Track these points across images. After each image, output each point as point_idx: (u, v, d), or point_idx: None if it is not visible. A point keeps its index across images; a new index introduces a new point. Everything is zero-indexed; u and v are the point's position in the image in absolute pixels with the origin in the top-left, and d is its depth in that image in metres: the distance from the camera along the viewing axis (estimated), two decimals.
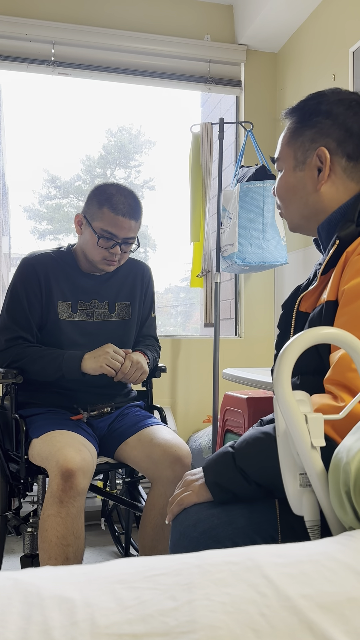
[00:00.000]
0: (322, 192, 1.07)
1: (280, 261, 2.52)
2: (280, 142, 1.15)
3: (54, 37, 2.65)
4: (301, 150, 1.09)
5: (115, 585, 0.44)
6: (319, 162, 1.06)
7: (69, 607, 0.41)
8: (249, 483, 0.90)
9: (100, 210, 1.64)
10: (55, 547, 1.38)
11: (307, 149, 1.08)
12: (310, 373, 0.97)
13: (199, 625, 0.39)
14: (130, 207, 1.65)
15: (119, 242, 1.66)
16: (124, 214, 1.63)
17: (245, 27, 2.80)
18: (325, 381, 0.90)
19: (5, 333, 1.67)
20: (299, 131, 1.09)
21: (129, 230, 1.66)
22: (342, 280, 0.95)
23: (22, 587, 0.43)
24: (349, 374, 0.85)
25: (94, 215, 1.66)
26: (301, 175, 1.09)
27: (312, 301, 1.06)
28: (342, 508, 0.65)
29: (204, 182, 2.68)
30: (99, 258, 1.68)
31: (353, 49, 2.22)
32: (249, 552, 0.50)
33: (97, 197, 1.67)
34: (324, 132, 1.06)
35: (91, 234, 1.66)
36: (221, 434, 2.20)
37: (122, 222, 1.63)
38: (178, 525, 0.94)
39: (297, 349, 0.73)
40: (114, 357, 1.59)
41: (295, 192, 1.11)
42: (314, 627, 0.39)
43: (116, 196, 1.64)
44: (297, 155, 1.09)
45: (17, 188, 3.18)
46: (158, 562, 0.48)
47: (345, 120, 1.05)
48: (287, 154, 1.12)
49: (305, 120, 1.08)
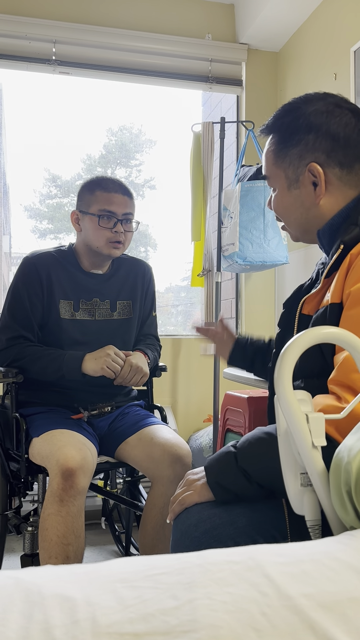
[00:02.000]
0: (321, 205, 1.06)
1: (281, 261, 2.52)
2: (264, 160, 1.13)
3: (55, 36, 2.65)
4: (291, 169, 1.07)
5: (116, 584, 0.44)
6: (313, 177, 1.05)
7: (70, 606, 0.41)
8: (250, 483, 0.90)
9: (93, 194, 1.70)
10: (56, 546, 1.38)
11: (297, 167, 1.06)
12: (315, 376, 0.97)
13: (200, 625, 0.39)
14: (121, 186, 1.72)
15: (118, 219, 1.69)
16: (117, 191, 1.70)
17: (246, 26, 2.80)
18: (329, 382, 0.90)
19: (6, 332, 1.67)
20: (283, 151, 1.07)
21: (125, 205, 1.70)
22: (347, 283, 0.94)
23: (24, 586, 0.43)
24: (353, 375, 0.85)
25: (89, 202, 1.70)
26: (297, 193, 1.08)
27: (315, 304, 1.05)
28: (343, 507, 0.65)
29: (205, 181, 2.68)
30: (104, 241, 1.69)
31: (354, 48, 2.22)
32: (250, 551, 0.50)
33: (86, 187, 1.74)
34: (310, 147, 1.04)
35: (90, 220, 1.69)
36: (222, 434, 2.20)
37: (117, 198, 1.69)
38: (179, 524, 0.94)
39: (298, 349, 0.73)
40: (114, 359, 1.59)
41: (294, 209, 1.10)
42: (315, 627, 0.39)
43: (104, 179, 1.73)
44: (288, 174, 1.08)
45: (17, 187, 3.18)
46: (159, 561, 0.48)
47: (328, 129, 1.02)
48: (276, 174, 1.10)
49: (287, 140, 1.06)
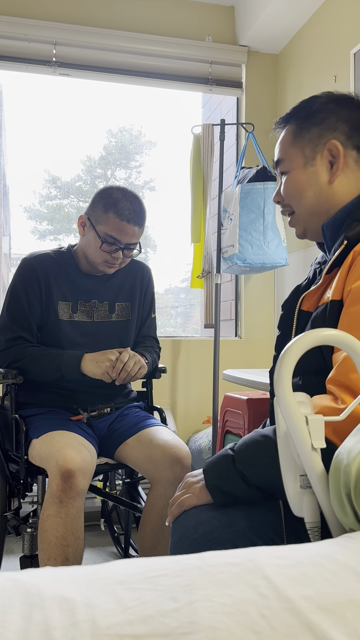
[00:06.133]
0: (335, 186, 1.06)
1: (280, 262, 2.52)
2: (279, 145, 1.13)
3: (55, 38, 2.65)
4: (310, 147, 1.08)
5: (115, 586, 0.44)
6: (331, 156, 1.06)
7: (70, 607, 0.41)
8: (249, 486, 0.90)
9: (106, 214, 1.64)
10: (55, 547, 1.38)
11: (316, 145, 1.07)
12: (313, 373, 0.97)
13: (199, 627, 0.39)
14: (136, 214, 1.65)
15: (121, 247, 1.67)
16: (129, 220, 1.64)
17: (246, 28, 2.81)
18: (328, 381, 0.90)
19: (5, 333, 1.67)
20: (305, 129, 1.08)
21: (133, 236, 1.66)
22: (349, 280, 0.94)
23: (23, 588, 0.43)
24: (352, 375, 0.85)
25: (99, 219, 1.66)
26: (313, 171, 1.08)
27: (315, 300, 1.05)
28: (342, 510, 0.65)
29: (205, 183, 2.68)
30: (100, 261, 1.69)
31: (354, 51, 2.22)
32: (250, 553, 0.50)
33: (103, 200, 1.67)
34: (331, 126, 1.06)
35: (94, 237, 1.66)
36: (221, 435, 2.20)
37: (127, 228, 1.64)
38: (178, 527, 0.94)
39: (297, 351, 0.73)
40: (115, 365, 1.57)
41: (307, 188, 1.08)
42: (315, 629, 0.39)
43: (122, 201, 1.64)
44: (305, 152, 1.08)
45: (17, 188, 3.18)
46: (159, 563, 0.48)
47: (349, 116, 1.06)
48: (293, 153, 1.10)
49: (310, 118, 1.08)
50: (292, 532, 0.87)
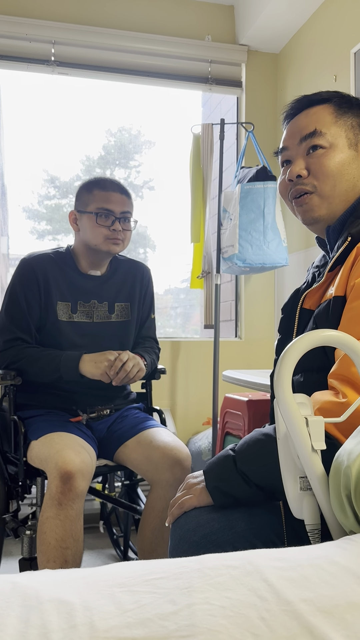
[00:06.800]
0: None
1: (280, 263, 2.51)
2: (317, 119, 1.06)
3: (54, 37, 2.65)
4: (352, 132, 1.07)
5: (114, 589, 0.43)
6: None
7: (68, 610, 0.40)
8: (249, 486, 0.90)
9: (91, 193, 1.71)
10: (54, 549, 1.37)
11: (356, 133, 1.07)
12: (315, 370, 0.97)
13: (198, 629, 0.38)
14: (118, 185, 1.74)
15: (116, 217, 1.69)
16: (114, 189, 1.71)
17: (246, 27, 2.81)
18: (330, 376, 0.90)
19: (3, 334, 1.67)
20: (345, 114, 1.07)
21: (123, 204, 1.71)
22: (352, 276, 0.94)
23: (21, 590, 0.43)
24: (354, 368, 0.85)
25: (87, 201, 1.71)
26: (355, 155, 1.06)
27: (317, 298, 1.05)
28: (342, 512, 0.65)
29: (205, 182, 2.68)
30: (102, 238, 1.69)
31: (354, 50, 2.22)
32: (249, 556, 0.49)
33: (84, 187, 1.75)
34: None
35: (88, 218, 1.70)
36: (221, 437, 2.19)
37: (114, 197, 1.70)
38: (178, 528, 0.94)
39: (297, 352, 0.73)
40: (113, 365, 1.57)
41: (349, 168, 1.05)
42: (314, 631, 0.39)
43: (102, 179, 1.74)
44: (348, 135, 1.07)
45: (16, 188, 3.18)
46: (157, 566, 0.48)
47: None
48: (336, 131, 1.06)
49: (350, 103, 1.08)
50: (293, 534, 0.87)
